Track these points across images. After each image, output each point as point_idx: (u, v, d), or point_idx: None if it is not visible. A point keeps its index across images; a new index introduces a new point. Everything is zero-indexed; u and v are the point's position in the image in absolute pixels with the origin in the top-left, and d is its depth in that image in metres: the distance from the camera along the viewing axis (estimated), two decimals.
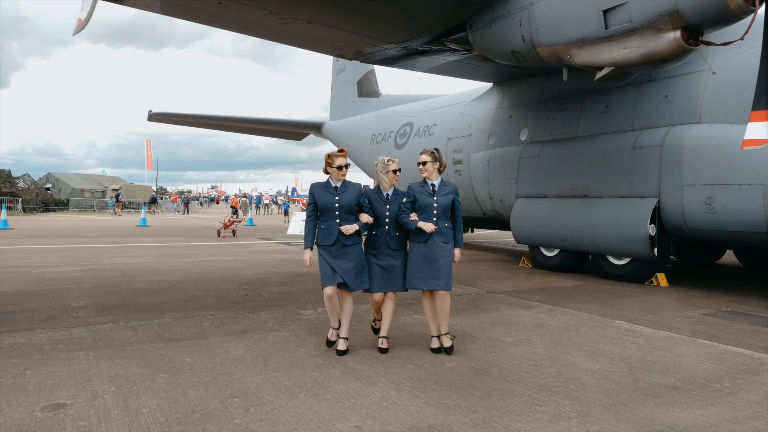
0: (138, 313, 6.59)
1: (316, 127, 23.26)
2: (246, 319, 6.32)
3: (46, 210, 41.45)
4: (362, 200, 4.95)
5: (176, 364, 4.61)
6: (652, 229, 8.92)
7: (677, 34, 6.25)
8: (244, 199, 37.96)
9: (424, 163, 5.05)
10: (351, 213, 4.90)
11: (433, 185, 5.01)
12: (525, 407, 3.74)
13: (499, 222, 13.11)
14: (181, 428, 3.33)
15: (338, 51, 11.10)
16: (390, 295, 5.05)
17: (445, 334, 5.00)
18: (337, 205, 4.82)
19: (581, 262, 10.69)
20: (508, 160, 12.00)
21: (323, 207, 4.86)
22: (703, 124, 8.64)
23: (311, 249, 4.88)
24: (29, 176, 49.07)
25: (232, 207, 33.93)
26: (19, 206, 37.48)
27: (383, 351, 5.00)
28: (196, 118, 23.21)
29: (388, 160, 5.04)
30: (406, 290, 5.03)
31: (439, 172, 5.07)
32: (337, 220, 4.83)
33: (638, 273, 9.36)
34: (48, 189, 49.69)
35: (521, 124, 12.06)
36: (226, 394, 3.91)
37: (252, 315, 6.57)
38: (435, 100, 16.72)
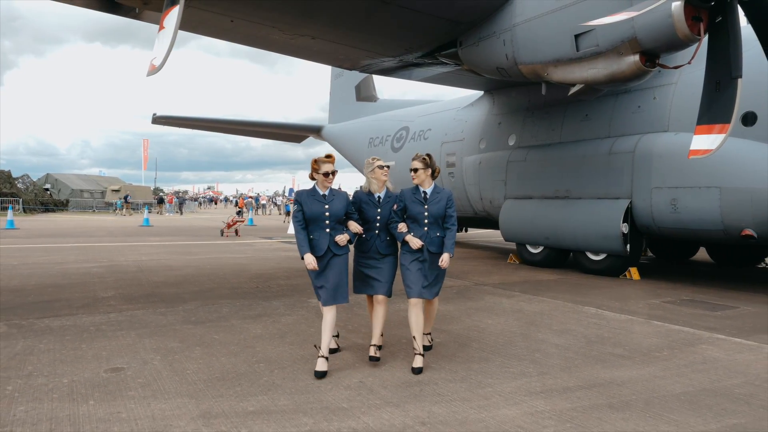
0: (163, 302, 7.43)
1: (315, 130, 24.08)
2: (260, 306, 7.18)
3: (46, 210, 42.07)
4: (349, 208, 4.78)
5: (207, 340, 5.47)
6: (625, 228, 9.80)
7: (636, 57, 7.16)
8: (250, 200, 38.84)
9: (415, 170, 4.80)
10: (340, 222, 4.71)
11: (425, 193, 4.77)
12: (497, 369, 4.61)
13: (489, 221, 13.98)
14: (221, 383, 4.19)
15: (339, 62, 11.97)
16: (379, 298, 4.80)
17: (428, 333, 5.03)
18: (327, 213, 4.60)
19: (563, 258, 11.56)
20: (497, 164, 12.87)
21: (312, 216, 4.60)
22: (670, 132, 9.54)
23: (311, 253, 4.56)
24: (28, 177, 49.72)
25: (238, 208, 34.92)
26: (20, 207, 38.11)
27: (373, 358, 4.73)
28: (198, 121, 24.00)
29: (372, 159, 4.87)
30: (390, 296, 4.86)
31: (433, 177, 4.86)
32: (328, 230, 4.60)
33: (613, 267, 10.25)
34: (47, 190, 50.23)
35: (510, 130, 12.93)
36: (252, 361, 4.77)
37: (265, 303, 7.42)
38: (430, 106, 17.60)
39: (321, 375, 4.37)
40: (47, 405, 3.70)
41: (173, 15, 4.27)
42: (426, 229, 4.70)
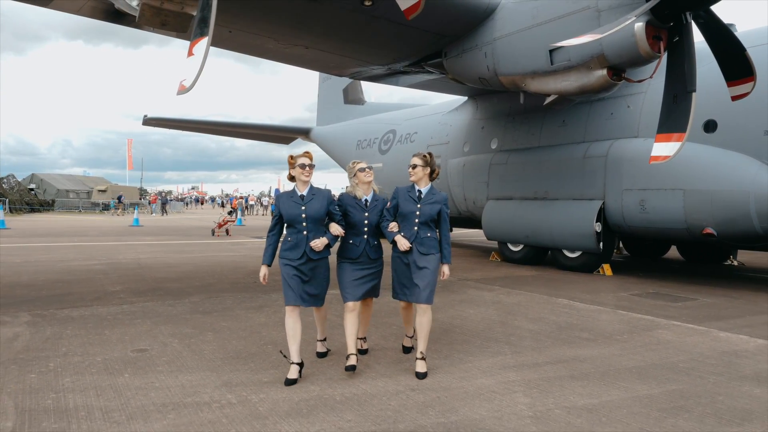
0: (169, 295, 7.98)
1: (304, 132, 24.65)
2: (260, 299, 7.77)
3: (32, 211, 42.02)
4: (332, 208, 4.54)
5: (217, 326, 6.05)
6: (598, 227, 10.53)
7: (604, 71, 7.89)
8: (241, 200, 39.42)
9: (414, 167, 4.67)
10: (320, 224, 4.47)
11: (419, 192, 4.65)
12: (476, 349, 5.27)
13: (473, 221, 14.67)
14: (236, 361, 4.79)
15: (330, 70, 12.60)
16: (367, 301, 4.84)
17: (422, 358, 4.51)
18: (304, 216, 4.37)
19: (542, 255, 12.27)
20: (480, 166, 13.55)
21: (289, 219, 4.40)
22: (640, 138, 10.28)
23: (268, 266, 4.47)
24: (14, 176, 49.51)
25: (232, 208, 35.58)
26: (6, 207, 38.07)
27: (362, 352, 4.98)
28: (189, 123, 24.50)
29: (353, 164, 4.73)
30: (377, 296, 4.89)
31: (431, 178, 4.73)
32: (305, 233, 4.38)
33: (588, 264, 10.98)
34: (32, 190, 50.03)
35: (492, 134, 13.63)
36: (261, 343, 5.37)
37: (264, 296, 8.01)
38: (416, 110, 18.29)
39: (291, 383, 4.23)
40: (88, 377, 4.28)
41: (202, 44, 4.85)
42: (416, 229, 4.57)
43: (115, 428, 3.37)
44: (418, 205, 4.60)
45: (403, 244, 4.53)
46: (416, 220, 4.58)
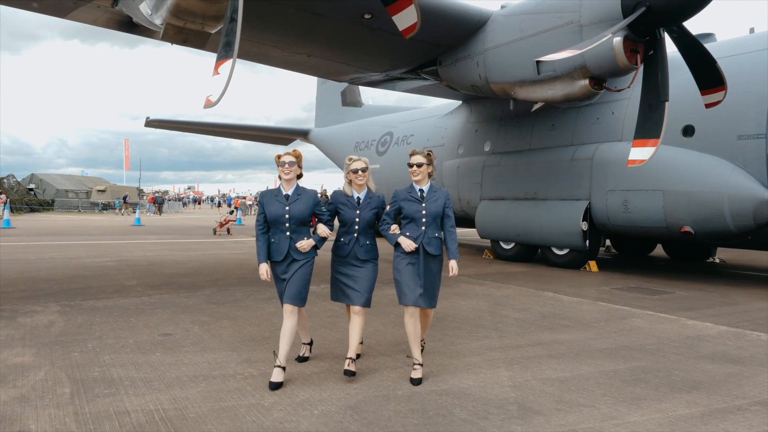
0: (183, 289, 8.56)
1: (303, 134, 25.27)
2: (268, 292, 8.35)
3: (32, 210, 42.43)
4: (317, 209, 4.46)
5: (231, 315, 6.65)
6: (584, 226, 11.16)
7: (586, 81, 8.53)
8: (243, 200, 40.12)
9: (419, 165, 4.49)
10: (305, 224, 4.38)
11: (421, 191, 4.52)
12: (466, 334, 5.88)
13: (467, 220, 15.27)
14: (253, 343, 5.40)
15: (330, 76, 13.21)
16: (356, 309, 4.49)
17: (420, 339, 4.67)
18: (287, 216, 4.31)
19: (532, 253, 12.90)
20: (474, 168, 14.17)
21: (273, 218, 4.33)
22: (624, 141, 10.91)
23: (267, 263, 4.41)
24: (14, 176, 49.91)
25: (235, 207, 36.34)
26: (7, 206, 38.42)
27: (349, 373, 4.33)
28: (191, 125, 25.09)
29: (349, 159, 4.53)
30: (369, 307, 4.54)
31: (429, 176, 4.61)
32: (288, 233, 4.32)
33: (575, 261, 11.61)
34: (31, 190, 50.38)
35: (485, 137, 14.25)
36: (273, 329, 5.96)
37: (271, 289, 8.50)
38: (413, 113, 18.92)
39: (276, 386, 4.13)
40: (125, 356, 4.88)
41: (227, 65, 5.43)
42: (424, 228, 4.43)
43: (157, 393, 3.97)
44: (423, 204, 4.48)
45: (407, 245, 4.38)
46: (423, 220, 4.44)
